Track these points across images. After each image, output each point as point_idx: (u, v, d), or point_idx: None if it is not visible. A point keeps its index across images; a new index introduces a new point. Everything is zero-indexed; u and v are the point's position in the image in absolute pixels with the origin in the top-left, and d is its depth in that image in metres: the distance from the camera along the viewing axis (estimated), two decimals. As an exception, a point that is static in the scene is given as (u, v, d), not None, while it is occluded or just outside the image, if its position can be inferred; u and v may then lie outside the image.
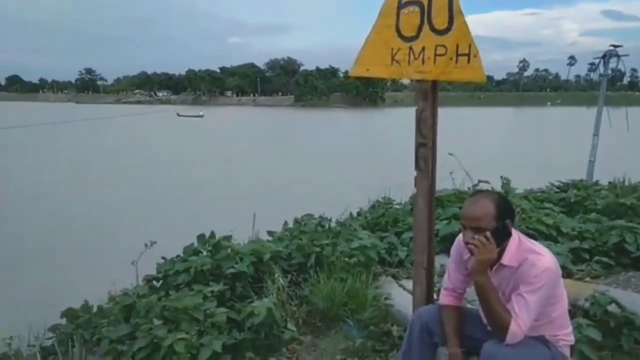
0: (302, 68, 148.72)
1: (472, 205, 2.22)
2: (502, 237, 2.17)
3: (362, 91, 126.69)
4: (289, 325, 3.39)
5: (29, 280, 9.86)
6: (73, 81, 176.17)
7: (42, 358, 3.01)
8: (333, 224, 5.23)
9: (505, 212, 2.19)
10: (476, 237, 2.15)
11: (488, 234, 2.14)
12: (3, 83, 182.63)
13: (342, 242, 4.36)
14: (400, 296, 3.73)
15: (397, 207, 5.83)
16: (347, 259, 3.97)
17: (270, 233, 4.93)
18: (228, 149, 37.23)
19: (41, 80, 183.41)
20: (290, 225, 5.13)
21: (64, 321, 3.53)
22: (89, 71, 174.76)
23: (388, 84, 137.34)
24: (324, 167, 28.33)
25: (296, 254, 4.19)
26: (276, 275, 3.75)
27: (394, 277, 4.24)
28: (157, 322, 3.00)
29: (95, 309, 3.56)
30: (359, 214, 6.10)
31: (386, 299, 3.65)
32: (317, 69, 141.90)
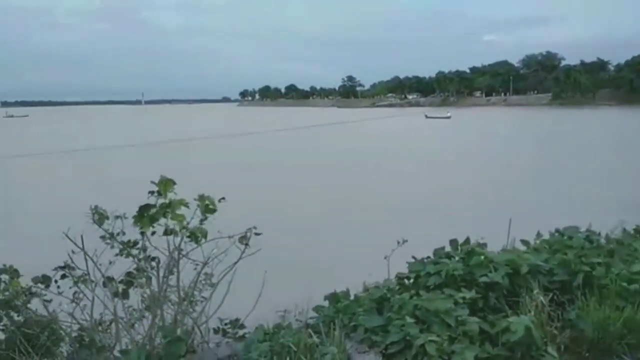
0: (563, 63, 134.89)
1: None
2: None
3: (638, 86, 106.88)
4: (550, 350, 3.05)
5: (295, 261, 11.27)
6: (336, 88, 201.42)
7: (309, 334, 3.35)
8: (602, 241, 4.58)
9: None
10: None
11: None
12: (283, 91, 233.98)
13: (618, 263, 3.82)
14: (702, 340, 2.99)
15: (698, 228, 4.72)
16: (625, 284, 3.45)
17: (524, 242, 4.57)
18: (476, 152, 35.99)
19: (311, 87, 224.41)
20: (545, 235, 4.69)
21: (325, 303, 3.89)
22: (350, 78, 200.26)
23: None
24: (584, 174, 24.93)
25: (559, 270, 3.80)
26: (535, 291, 3.43)
27: (692, 315, 3.42)
28: (409, 319, 3.05)
29: (352, 297, 3.82)
30: (637, 231, 5.17)
31: (682, 340, 2.96)
32: (582, 62, 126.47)
